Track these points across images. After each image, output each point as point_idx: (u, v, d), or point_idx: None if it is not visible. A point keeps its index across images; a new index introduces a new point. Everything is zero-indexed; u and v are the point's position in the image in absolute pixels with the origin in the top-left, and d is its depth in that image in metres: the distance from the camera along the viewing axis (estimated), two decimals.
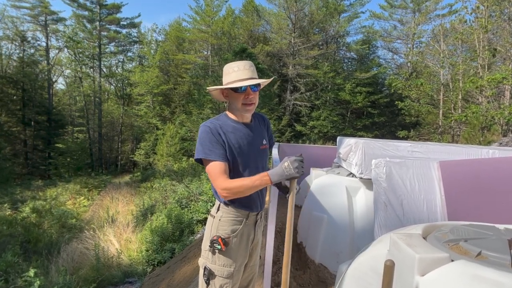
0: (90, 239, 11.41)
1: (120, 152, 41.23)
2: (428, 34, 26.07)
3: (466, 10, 16.77)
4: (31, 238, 12.32)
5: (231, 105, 2.15)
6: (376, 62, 30.36)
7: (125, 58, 43.25)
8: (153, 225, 10.45)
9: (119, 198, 18.91)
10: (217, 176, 1.98)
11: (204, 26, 30.97)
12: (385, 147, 4.22)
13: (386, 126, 28.35)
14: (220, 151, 2.01)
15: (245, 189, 1.94)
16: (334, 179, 4.75)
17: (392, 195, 3.36)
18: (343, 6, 29.38)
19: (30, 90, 34.31)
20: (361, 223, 4.09)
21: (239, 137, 2.09)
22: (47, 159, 33.78)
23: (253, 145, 2.16)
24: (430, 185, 3.40)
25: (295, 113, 27.87)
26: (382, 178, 3.41)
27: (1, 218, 14.08)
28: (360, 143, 4.25)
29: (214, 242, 2.06)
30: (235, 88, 2.03)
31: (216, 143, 2.01)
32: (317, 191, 4.79)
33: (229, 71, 2.09)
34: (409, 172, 3.44)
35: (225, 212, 2.12)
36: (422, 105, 18.97)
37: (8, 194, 20.74)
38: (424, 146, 4.33)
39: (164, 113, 33.63)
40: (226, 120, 2.13)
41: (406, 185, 3.39)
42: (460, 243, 1.40)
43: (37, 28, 37.01)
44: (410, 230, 1.65)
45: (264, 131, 2.34)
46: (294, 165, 1.90)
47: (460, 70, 17.06)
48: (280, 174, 1.91)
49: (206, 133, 2.03)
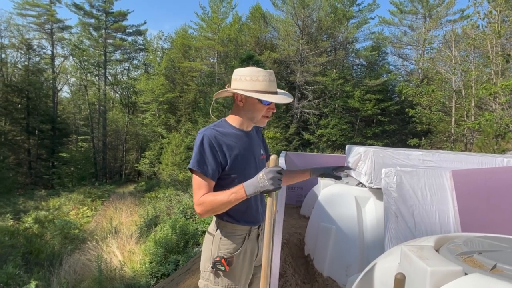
0: (93, 250, 11.24)
1: (124, 161, 40.89)
2: (439, 40, 25.64)
3: (478, 15, 16.57)
4: (32, 249, 12.14)
5: (244, 112, 2.00)
6: (386, 69, 29.90)
7: (130, 66, 43.28)
8: (157, 236, 10.32)
9: (122, 208, 18.57)
10: (196, 190, 1.87)
11: (210, 33, 30.76)
12: (395, 156, 4.15)
13: (396, 134, 27.86)
14: (209, 166, 1.86)
15: (220, 204, 1.78)
16: (343, 188, 4.69)
17: (403, 205, 3.34)
18: (351, 12, 29.00)
19: (35, 98, 34.20)
20: (371, 235, 4.04)
21: (240, 145, 1.97)
22: (51, 168, 33.50)
23: (253, 155, 2.05)
24: (443, 195, 3.37)
25: (302, 121, 27.42)
26: (393, 188, 3.38)
27: (3, 229, 13.92)
28: (369, 151, 4.16)
29: (217, 264, 1.92)
30: (264, 99, 1.90)
31: (209, 155, 1.87)
32: (325, 201, 4.73)
33: (258, 77, 1.92)
34: (421, 182, 3.41)
35: (225, 230, 1.99)
36: (434, 112, 18.54)
37: (11, 204, 20.58)
38: (436, 154, 4.25)
39: (169, 122, 33.47)
40: (228, 127, 2.00)
41: (418, 195, 3.36)
42: (474, 255, 1.37)
43: (42, 36, 37.00)
44: (421, 242, 1.63)
45: (260, 141, 2.22)
46: (269, 176, 1.69)
47: (473, 77, 16.80)
48: (255, 186, 1.72)
49: (200, 143, 1.88)
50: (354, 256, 3.95)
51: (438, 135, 22.12)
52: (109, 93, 41.98)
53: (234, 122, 2.01)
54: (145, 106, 35.32)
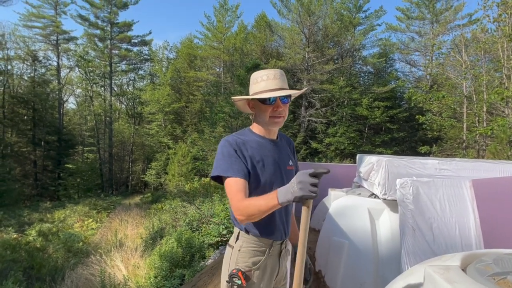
0: (96, 264, 10.84)
1: (130, 172, 40.81)
2: (447, 45, 25.36)
3: (488, 19, 16.30)
4: (34, 264, 11.81)
5: (258, 117, 1.95)
6: (394, 76, 29.59)
7: (136, 76, 43.38)
8: (162, 249, 9.91)
9: (128, 220, 18.25)
10: (232, 194, 1.71)
11: (216, 42, 30.68)
12: (410, 165, 3.97)
13: (406, 141, 27.54)
14: (239, 166, 1.76)
15: (255, 209, 1.59)
16: (355, 200, 4.55)
17: (420, 218, 3.20)
18: (358, 19, 28.87)
19: (40, 110, 34.35)
20: (386, 250, 3.86)
21: (264, 154, 1.88)
22: (57, 180, 33.52)
23: (279, 163, 1.93)
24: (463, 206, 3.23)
25: (310, 130, 27.20)
26: (409, 200, 3.25)
27: (5, 243, 13.63)
28: (383, 161, 4.02)
29: (233, 277, 1.79)
30: (263, 99, 1.83)
31: (235, 158, 1.78)
32: (336, 214, 4.56)
33: (257, 79, 1.90)
34: (439, 193, 3.27)
35: (246, 241, 1.88)
36: (445, 119, 18.13)
37: (16, 217, 20.42)
38: (453, 163, 4.06)
39: (175, 132, 33.35)
40: (251, 134, 1.95)
41: (436, 207, 3.22)
42: (508, 277, 1.19)
43: (48, 48, 37.35)
44: (446, 261, 1.48)
45: (291, 153, 2.12)
46: (298, 179, 1.44)
47: (484, 81, 16.44)
48: (286, 192, 1.48)
49: (224, 147, 1.81)
50: (368, 273, 3.77)
51: (449, 142, 21.83)
52: (115, 103, 42.05)
53: (257, 130, 1.96)
54: (151, 116, 35.30)
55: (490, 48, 16.79)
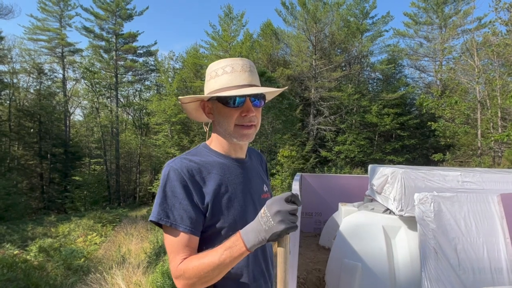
0: (96, 283, 10.33)
1: (138, 184, 40.69)
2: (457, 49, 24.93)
3: (500, 21, 15.90)
4: (30, 284, 11.23)
5: (218, 127, 1.34)
6: (403, 82, 29.24)
7: (142, 87, 43.53)
8: (164, 266, 9.33)
9: (133, 234, 17.82)
10: (170, 254, 1.20)
11: (222, 51, 30.53)
12: (429, 178, 3.54)
13: (417, 149, 27.12)
14: (184, 214, 1.19)
15: (209, 269, 1.07)
16: (368, 217, 4.14)
17: (443, 238, 2.88)
18: (365, 25, 28.65)
19: (47, 122, 34.62)
20: (404, 273, 3.42)
21: (229, 181, 1.30)
22: (64, 192, 33.43)
23: (251, 193, 1.36)
24: (490, 224, 2.90)
25: (319, 138, 26.96)
26: (430, 218, 2.94)
27: (2, 260, 13.06)
28: (398, 173, 3.58)
29: None
30: (226, 98, 1.24)
31: (181, 198, 1.19)
32: (348, 233, 4.14)
33: (216, 72, 1.29)
34: (463, 209, 2.97)
35: None
36: (458, 125, 17.57)
37: (19, 231, 20.10)
38: (478, 174, 3.60)
39: (182, 142, 33.07)
40: (208, 154, 1.35)
41: (460, 225, 2.90)
42: None
43: (54, 60, 37.78)
44: None
45: (264, 173, 1.58)
46: (273, 210, 1.01)
47: (498, 86, 15.96)
48: (257, 231, 1.03)
49: (168, 181, 1.21)
50: None
51: (462, 149, 21.26)
52: (121, 115, 42.25)
53: (216, 146, 1.38)
54: (157, 127, 35.23)
55: (502, 51, 16.32)
